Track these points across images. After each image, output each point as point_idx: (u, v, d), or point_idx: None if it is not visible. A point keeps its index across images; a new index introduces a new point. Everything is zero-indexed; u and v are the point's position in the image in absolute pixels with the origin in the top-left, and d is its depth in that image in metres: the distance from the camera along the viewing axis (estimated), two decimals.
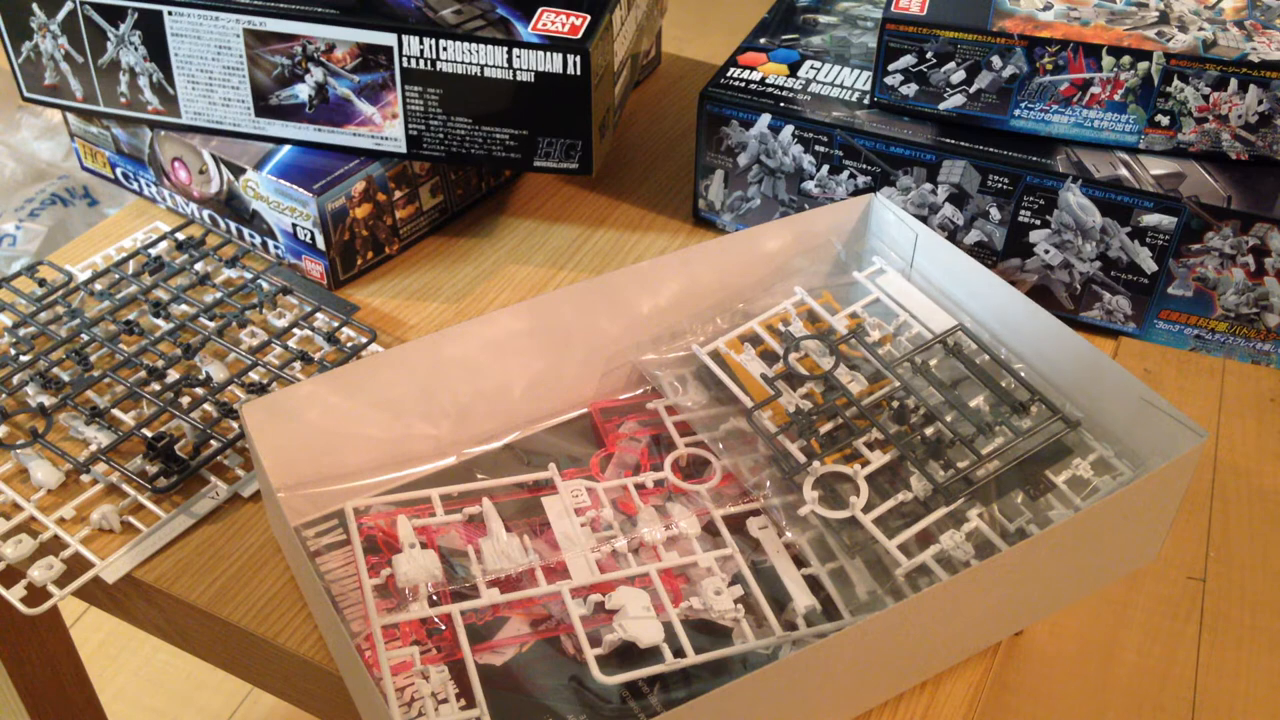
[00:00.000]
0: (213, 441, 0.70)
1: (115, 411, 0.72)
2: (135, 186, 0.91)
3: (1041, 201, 0.77)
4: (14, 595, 0.63)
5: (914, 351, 0.70)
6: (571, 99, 0.78)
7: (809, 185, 0.84)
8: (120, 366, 0.75)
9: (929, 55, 0.80)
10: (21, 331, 0.78)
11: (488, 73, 0.77)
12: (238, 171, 0.82)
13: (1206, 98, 0.76)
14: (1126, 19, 0.79)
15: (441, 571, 0.60)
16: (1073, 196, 0.76)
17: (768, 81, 0.86)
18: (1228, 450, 1.72)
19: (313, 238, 0.81)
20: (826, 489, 0.65)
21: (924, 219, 0.81)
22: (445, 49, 0.77)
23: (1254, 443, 1.73)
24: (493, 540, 0.62)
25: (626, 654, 0.57)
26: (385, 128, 0.81)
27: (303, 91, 0.81)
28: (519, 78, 0.77)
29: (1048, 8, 0.80)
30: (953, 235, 0.81)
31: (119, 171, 0.92)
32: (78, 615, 1.47)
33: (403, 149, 0.82)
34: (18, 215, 1.73)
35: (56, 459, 0.70)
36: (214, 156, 0.83)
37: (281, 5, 0.79)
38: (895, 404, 0.68)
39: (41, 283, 0.83)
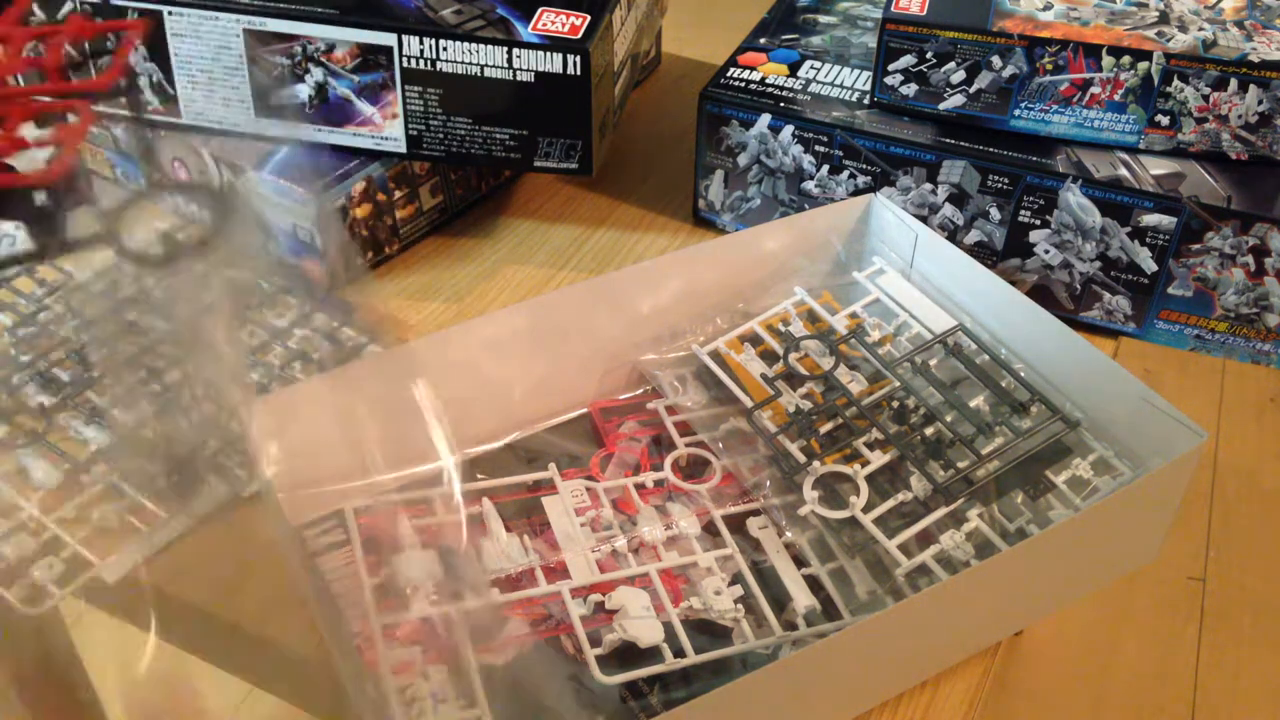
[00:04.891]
0: (212, 441, 0.70)
1: (115, 411, 0.72)
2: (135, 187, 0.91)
3: (1041, 201, 0.77)
4: (14, 595, 0.63)
5: (914, 351, 0.70)
6: (571, 99, 0.78)
7: (809, 185, 0.84)
8: (120, 366, 0.75)
9: (929, 55, 0.80)
10: (21, 332, 0.78)
11: (488, 73, 0.77)
12: (238, 171, 0.82)
13: (1206, 98, 0.76)
14: (1126, 19, 0.79)
15: (442, 571, 0.60)
16: (1073, 196, 0.76)
17: (768, 81, 0.86)
18: (1228, 450, 1.72)
19: (313, 238, 0.81)
20: (826, 489, 0.64)
21: (924, 219, 0.80)
22: (445, 49, 0.77)
23: (1254, 443, 1.73)
24: (493, 540, 0.62)
25: (626, 654, 0.57)
26: (385, 128, 0.81)
27: (303, 91, 0.81)
28: (519, 78, 0.77)
29: (1048, 8, 0.80)
30: (953, 235, 0.81)
31: (119, 171, 0.92)
32: (78, 615, 1.47)
33: (403, 149, 0.82)
34: None
35: (56, 459, 0.70)
36: (214, 156, 0.83)
37: (281, 5, 0.79)
38: (895, 404, 0.68)
39: (41, 283, 0.83)
